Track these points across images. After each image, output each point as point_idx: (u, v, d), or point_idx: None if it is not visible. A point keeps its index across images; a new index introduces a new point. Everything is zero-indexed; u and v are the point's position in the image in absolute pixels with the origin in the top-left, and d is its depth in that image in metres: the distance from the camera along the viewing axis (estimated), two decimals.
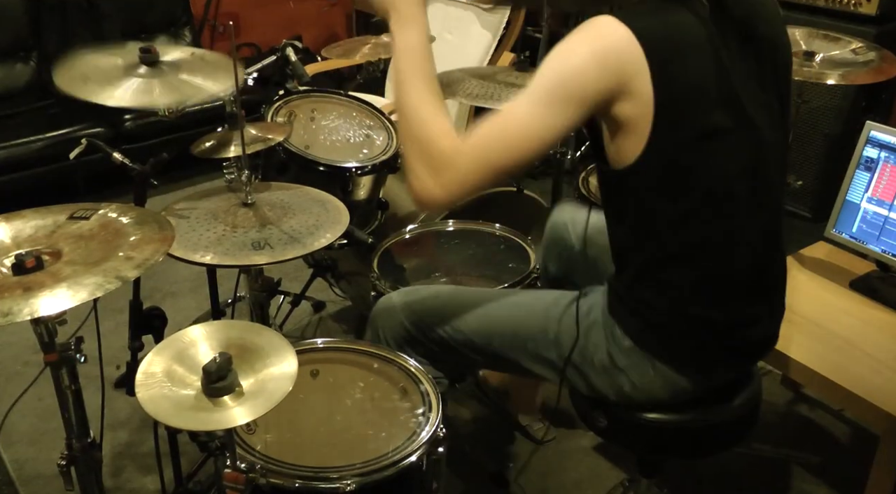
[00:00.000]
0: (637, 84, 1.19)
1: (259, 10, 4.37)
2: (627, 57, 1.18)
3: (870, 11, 2.93)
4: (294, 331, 2.62)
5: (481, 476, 2.09)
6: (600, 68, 1.19)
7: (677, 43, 1.22)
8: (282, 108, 2.13)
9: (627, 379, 1.40)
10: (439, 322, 1.54)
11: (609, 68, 1.19)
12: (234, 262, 1.46)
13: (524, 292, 1.64)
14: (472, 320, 1.53)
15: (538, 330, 1.49)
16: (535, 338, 1.49)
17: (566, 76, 1.21)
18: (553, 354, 1.48)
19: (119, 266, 1.16)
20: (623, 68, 1.19)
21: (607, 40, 1.19)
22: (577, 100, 1.21)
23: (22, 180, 3.28)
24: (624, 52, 1.18)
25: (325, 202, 1.66)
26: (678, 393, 1.40)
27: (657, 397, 1.41)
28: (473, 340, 1.53)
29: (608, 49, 1.19)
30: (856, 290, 1.91)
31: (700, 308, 1.35)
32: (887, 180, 1.86)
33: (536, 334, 1.49)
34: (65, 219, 1.30)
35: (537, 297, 1.58)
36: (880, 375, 1.63)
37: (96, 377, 1.73)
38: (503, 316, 1.53)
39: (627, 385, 1.41)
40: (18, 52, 3.66)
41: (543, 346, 1.49)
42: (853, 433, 2.26)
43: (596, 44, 1.20)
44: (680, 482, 2.04)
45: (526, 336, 1.51)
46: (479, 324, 1.53)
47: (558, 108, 1.21)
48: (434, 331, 1.55)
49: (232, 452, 1.21)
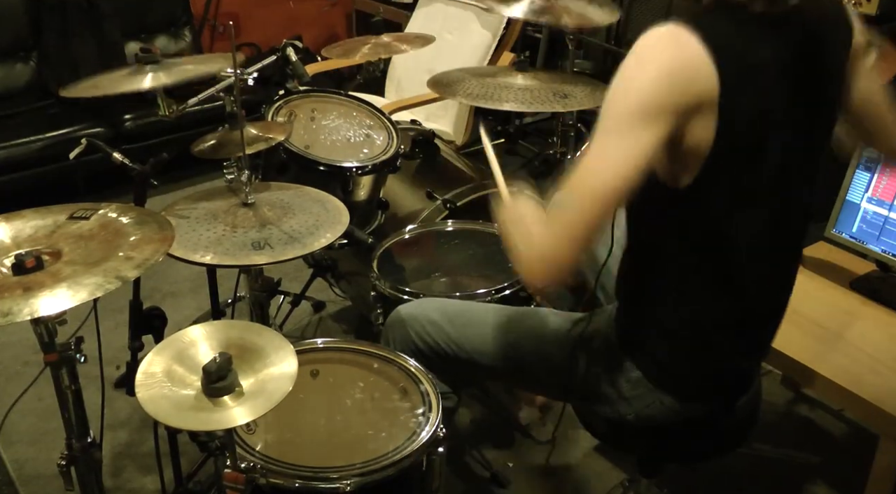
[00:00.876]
0: (705, 104, 1.10)
1: (259, 10, 4.37)
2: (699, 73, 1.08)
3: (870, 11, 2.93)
4: (294, 331, 2.62)
5: (481, 476, 2.09)
6: (673, 83, 1.09)
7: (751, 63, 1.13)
8: (282, 108, 2.13)
9: (632, 409, 1.39)
10: (445, 338, 1.54)
11: (683, 84, 1.09)
12: (234, 262, 1.46)
13: (529, 313, 1.60)
14: (476, 339, 1.53)
15: (540, 355, 1.49)
16: (537, 364, 1.49)
17: (637, 98, 1.10)
18: (554, 380, 1.48)
19: (119, 266, 1.16)
20: (694, 84, 1.09)
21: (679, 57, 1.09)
22: (653, 118, 1.09)
23: (22, 180, 3.27)
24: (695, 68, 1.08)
25: (325, 202, 1.66)
26: (681, 419, 1.40)
27: (659, 423, 1.40)
28: (475, 359, 1.53)
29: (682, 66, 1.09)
30: (856, 290, 1.91)
31: (718, 348, 1.33)
32: (887, 180, 1.86)
33: (537, 360, 1.49)
34: (65, 219, 1.30)
35: (542, 320, 1.55)
36: (880, 375, 1.63)
37: (96, 377, 1.73)
38: (506, 340, 1.52)
39: (631, 414, 1.39)
40: (18, 52, 3.66)
41: (545, 372, 1.49)
42: (853, 433, 2.26)
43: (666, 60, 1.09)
44: (680, 482, 2.04)
45: (528, 361, 1.50)
46: (481, 344, 1.52)
47: (639, 131, 1.09)
48: (439, 346, 1.54)
49: (232, 452, 1.21)
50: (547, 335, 1.50)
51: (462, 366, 1.55)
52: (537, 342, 1.50)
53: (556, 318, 1.54)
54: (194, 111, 1.82)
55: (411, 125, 2.52)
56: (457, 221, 2.13)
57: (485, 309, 1.59)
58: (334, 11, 4.70)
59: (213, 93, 1.77)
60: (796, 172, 1.26)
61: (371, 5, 4.33)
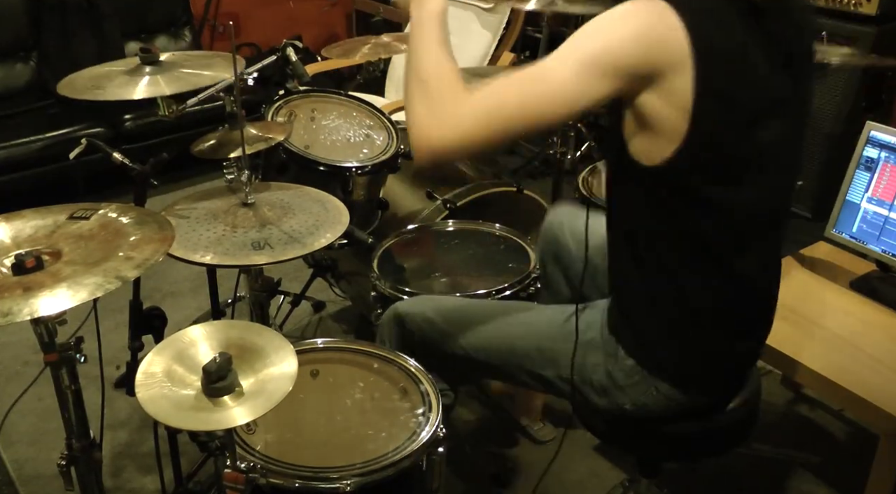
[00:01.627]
0: (674, 81, 1.12)
1: (259, 10, 4.37)
2: (671, 48, 1.11)
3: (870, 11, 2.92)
4: (294, 331, 2.62)
5: (481, 476, 2.09)
6: (640, 47, 1.12)
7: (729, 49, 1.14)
8: (282, 108, 2.13)
9: (628, 398, 1.39)
10: (439, 335, 1.54)
11: (650, 52, 1.11)
12: (234, 262, 1.46)
13: (523, 307, 1.61)
14: (471, 335, 1.53)
15: (534, 349, 1.49)
16: (532, 357, 1.49)
17: (603, 46, 1.13)
18: (550, 373, 1.48)
19: (119, 266, 1.16)
20: (663, 58, 1.11)
21: (655, 26, 1.11)
22: (610, 73, 1.12)
23: (22, 180, 3.28)
24: (669, 43, 1.11)
25: (325, 202, 1.66)
26: (679, 409, 1.40)
27: (656, 413, 1.40)
28: (471, 355, 1.53)
29: (653, 34, 1.11)
30: (856, 290, 1.91)
31: (711, 332, 1.34)
32: (887, 180, 1.86)
33: (533, 353, 1.49)
34: (65, 219, 1.30)
35: (536, 314, 1.56)
36: (880, 375, 1.63)
37: (96, 377, 1.73)
38: (500, 334, 1.52)
39: (628, 404, 1.39)
40: (18, 52, 3.66)
41: (540, 365, 1.48)
42: (853, 433, 2.26)
43: (641, 25, 1.12)
44: (680, 482, 2.04)
45: (523, 354, 1.50)
46: (476, 340, 1.52)
47: (590, 77, 1.12)
48: (434, 343, 1.54)
49: (232, 452, 1.21)
50: (541, 328, 1.50)
51: (458, 363, 1.55)
52: (532, 335, 1.50)
53: (550, 311, 1.54)
54: (194, 111, 1.82)
55: None
56: (457, 221, 2.13)
57: (479, 305, 1.60)
58: (334, 11, 4.70)
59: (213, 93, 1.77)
60: (780, 155, 1.27)
61: (371, 5, 4.33)
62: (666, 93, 1.13)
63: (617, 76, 1.13)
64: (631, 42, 1.12)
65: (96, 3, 3.58)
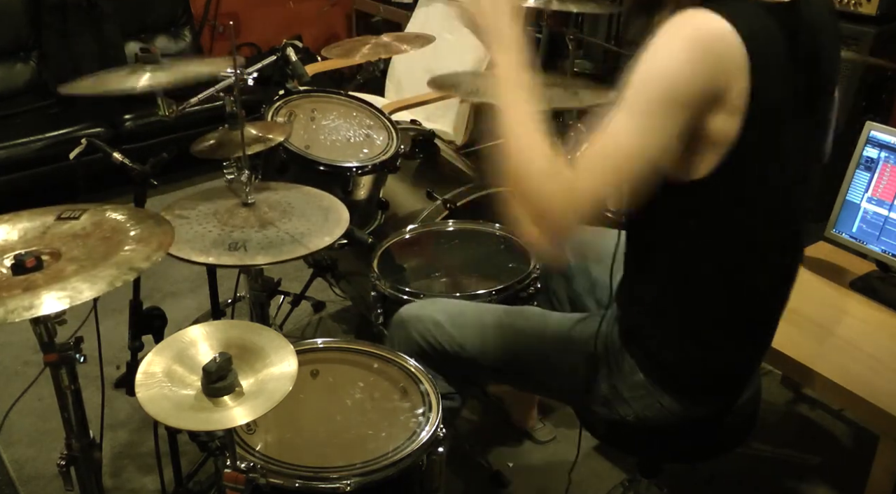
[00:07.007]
0: (733, 92, 1.08)
1: (259, 10, 4.37)
2: (730, 58, 1.06)
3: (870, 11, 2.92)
4: (294, 331, 2.62)
5: (481, 476, 2.09)
6: (700, 66, 1.06)
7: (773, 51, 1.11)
8: (282, 108, 2.12)
9: (631, 411, 1.39)
10: (448, 339, 1.54)
11: (708, 69, 1.06)
12: (234, 262, 1.46)
13: (531, 313, 1.60)
14: (478, 340, 1.53)
15: (540, 356, 1.49)
16: (538, 364, 1.50)
17: (662, 78, 1.08)
18: (555, 382, 1.48)
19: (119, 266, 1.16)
20: (724, 71, 1.07)
21: (707, 38, 1.06)
22: (679, 104, 1.08)
23: (22, 180, 3.27)
24: (726, 54, 1.06)
25: (325, 202, 1.66)
26: (680, 421, 1.40)
27: (658, 425, 1.40)
28: (478, 360, 1.53)
29: (708, 47, 1.06)
30: (856, 290, 1.91)
31: (722, 345, 1.33)
32: (887, 180, 1.86)
33: (538, 360, 1.49)
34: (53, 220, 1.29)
35: (543, 320, 1.55)
36: (880, 375, 1.63)
37: (96, 377, 1.73)
38: (507, 340, 1.52)
39: (631, 415, 1.39)
40: (18, 52, 3.65)
41: (545, 373, 1.49)
42: (853, 433, 2.26)
43: (694, 41, 1.07)
44: (680, 481, 2.04)
45: (528, 361, 1.51)
46: (483, 345, 1.52)
47: (659, 118, 1.08)
48: (443, 347, 1.54)
49: (232, 452, 1.21)
50: (547, 336, 1.50)
51: (465, 367, 1.55)
52: (538, 343, 1.50)
53: (557, 319, 1.54)
54: (194, 111, 1.82)
55: (411, 125, 2.52)
56: (457, 221, 2.12)
57: (487, 310, 1.59)
58: (334, 11, 4.70)
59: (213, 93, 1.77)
60: (803, 165, 1.25)
61: (371, 5, 4.33)
62: (727, 107, 1.10)
63: (687, 105, 1.09)
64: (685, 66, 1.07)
65: (96, 3, 3.58)
